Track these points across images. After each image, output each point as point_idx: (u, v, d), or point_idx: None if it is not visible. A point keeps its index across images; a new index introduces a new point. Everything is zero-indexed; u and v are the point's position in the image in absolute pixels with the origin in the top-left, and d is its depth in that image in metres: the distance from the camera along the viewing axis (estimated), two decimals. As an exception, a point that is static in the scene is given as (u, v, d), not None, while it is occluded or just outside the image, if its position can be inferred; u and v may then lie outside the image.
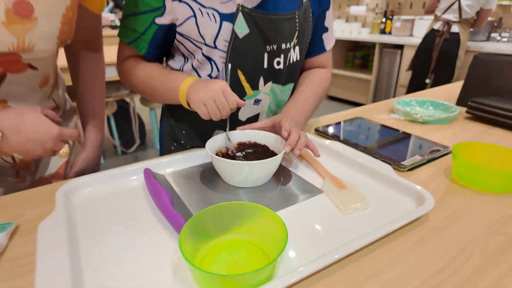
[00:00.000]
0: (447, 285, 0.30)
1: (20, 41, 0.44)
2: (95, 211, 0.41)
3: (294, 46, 0.58)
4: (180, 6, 0.51)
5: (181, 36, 0.54)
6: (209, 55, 0.54)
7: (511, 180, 0.44)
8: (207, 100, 0.46)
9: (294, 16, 0.55)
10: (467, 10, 2.20)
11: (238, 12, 0.51)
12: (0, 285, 0.30)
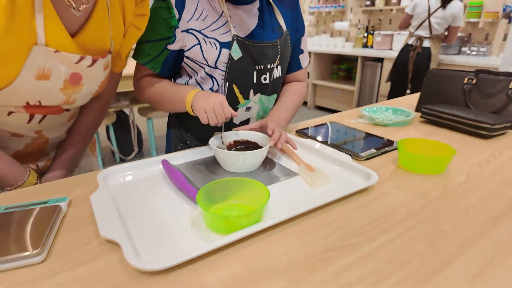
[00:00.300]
0: (379, 229, 0.44)
1: (67, 98, 0.60)
2: (128, 190, 0.54)
3: (277, 66, 0.74)
4: (188, 36, 0.66)
5: (188, 59, 0.69)
6: (211, 73, 0.69)
7: (437, 164, 0.60)
8: (208, 109, 0.61)
9: (277, 44, 0.71)
10: (436, 27, 2.45)
11: (233, 41, 0.66)
12: (71, 234, 0.43)
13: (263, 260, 0.38)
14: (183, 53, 0.68)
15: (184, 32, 0.66)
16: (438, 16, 2.45)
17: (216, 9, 0.67)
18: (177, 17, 0.65)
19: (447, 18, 2.43)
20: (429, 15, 2.48)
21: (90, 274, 0.36)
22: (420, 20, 2.52)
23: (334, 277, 0.35)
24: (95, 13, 0.57)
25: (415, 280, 0.35)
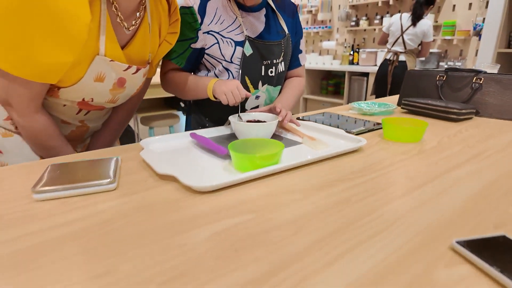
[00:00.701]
0: (367, 171, 0.57)
1: (112, 98, 0.73)
2: (167, 151, 0.66)
3: (281, 62, 0.89)
4: (208, 37, 0.80)
5: (208, 55, 0.83)
6: (227, 67, 0.83)
7: (414, 133, 0.74)
8: (227, 91, 0.74)
9: (281, 43, 0.86)
10: (410, 43, 2.75)
11: (245, 40, 0.81)
12: (130, 176, 0.54)
13: (283, 185, 0.50)
14: (204, 51, 0.82)
15: (205, 34, 0.80)
16: (410, 33, 2.75)
17: (231, 15, 0.82)
18: (200, 21, 0.80)
19: (418, 34, 2.72)
20: (402, 33, 2.78)
21: (152, 195, 0.47)
22: (395, 37, 2.81)
23: (335, 194, 0.48)
24: (139, 32, 0.71)
25: (394, 196, 0.48)
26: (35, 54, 0.56)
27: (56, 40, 0.56)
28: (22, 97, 0.63)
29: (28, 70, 0.58)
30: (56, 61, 0.58)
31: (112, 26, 0.65)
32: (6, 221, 0.40)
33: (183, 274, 0.31)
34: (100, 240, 0.36)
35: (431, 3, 2.68)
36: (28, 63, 0.57)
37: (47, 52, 0.56)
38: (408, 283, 0.29)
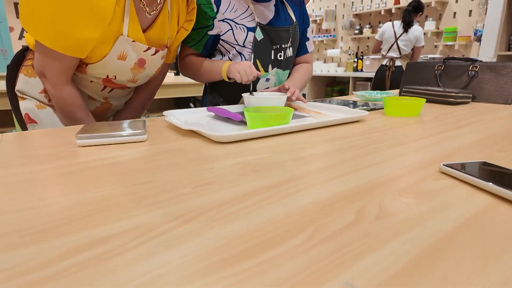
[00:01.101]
0: (370, 135, 0.63)
1: (133, 76, 0.81)
2: (188, 120, 0.73)
3: (289, 47, 0.96)
4: (223, 24, 0.89)
5: (223, 41, 0.91)
6: (240, 51, 0.91)
7: (413, 108, 0.80)
8: (240, 70, 0.82)
9: (289, 29, 0.94)
10: (404, 48, 2.89)
11: (257, 26, 0.89)
12: (156, 134, 0.61)
13: (291, 140, 0.57)
14: (219, 37, 0.90)
15: (221, 21, 0.88)
16: (403, 39, 2.93)
17: (243, 4, 0.90)
18: (215, 10, 0.88)
19: (411, 40, 2.90)
20: (396, 39, 2.95)
21: (178, 144, 0.54)
22: (389, 44, 2.96)
23: (338, 144, 0.54)
24: (160, 17, 0.79)
25: (390, 144, 0.54)
26: (69, 30, 0.64)
27: (86, 17, 0.64)
28: (55, 69, 0.71)
29: (62, 44, 0.66)
30: (85, 36, 0.66)
31: (136, 10, 0.73)
32: (56, 157, 0.47)
33: (213, 182, 0.37)
34: (137, 166, 0.43)
35: (419, 10, 2.86)
36: (63, 37, 0.65)
37: (79, 28, 0.64)
38: (402, 189, 0.35)
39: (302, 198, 0.33)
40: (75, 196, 0.33)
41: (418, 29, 2.90)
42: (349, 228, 0.27)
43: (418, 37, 2.88)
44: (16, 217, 0.29)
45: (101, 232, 0.26)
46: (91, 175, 0.40)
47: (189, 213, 0.30)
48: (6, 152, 0.50)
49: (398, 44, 2.94)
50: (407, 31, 2.89)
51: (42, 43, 0.66)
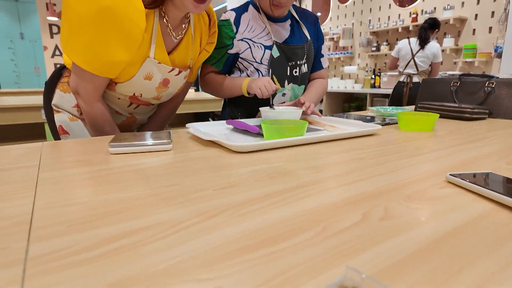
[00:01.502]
0: (384, 146, 0.65)
1: (157, 95, 0.88)
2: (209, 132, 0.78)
3: (304, 63, 1.01)
4: (242, 43, 0.95)
5: (241, 59, 0.97)
6: (258, 68, 0.96)
7: (426, 122, 0.82)
8: (261, 85, 0.87)
9: (304, 47, 0.99)
10: (421, 64, 2.90)
11: (273, 44, 0.95)
12: (180, 144, 0.66)
13: (306, 151, 0.60)
14: (238, 55, 0.96)
15: (240, 41, 0.94)
16: (420, 55, 2.95)
17: (261, 24, 0.96)
18: (235, 31, 0.94)
19: (428, 56, 2.91)
20: (413, 56, 2.97)
21: (201, 153, 0.58)
22: (406, 61, 2.98)
23: (351, 155, 0.57)
24: (183, 41, 0.86)
25: (402, 155, 0.56)
26: (103, 54, 0.71)
27: (119, 43, 0.70)
28: (87, 88, 0.78)
29: (96, 66, 0.73)
30: (117, 59, 0.72)
31: (162, 34, 0.80)
32: (91, 162, 0.52)
33: (231, 186, 0.41)
34: (164, 171, 0.47)
35: (435, 27, 2.87)
36: (97, 61, 0.72)
37: (111, 52, 0.71)
38: (408, 196, 0.38)
39: (313, 202, 0.36)
40: (109, 196, 0.38)
41: (435, 45, 2.93)
42: (355, 226, 0.30)
43: (435, 54, 2.90)
44: (62, 211, 0.34)
45: (133, 225, 0.30)
46: (123, 178, 0.44)
47: (211, 211, 0.33)
48: (47, 158, 0.56)
49: (415, 60, 2.96)
50: (424, 48, 2.92)
51: (78, 65, 0.73)
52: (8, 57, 6.61)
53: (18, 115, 2.13)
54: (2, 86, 6.58)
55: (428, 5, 3.70)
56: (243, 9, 0.99)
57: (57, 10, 5.36)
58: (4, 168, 0.50)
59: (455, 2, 3.44)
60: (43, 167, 0.50)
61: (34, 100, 2.32)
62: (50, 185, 0.41)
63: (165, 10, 0.79)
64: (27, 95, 4.11)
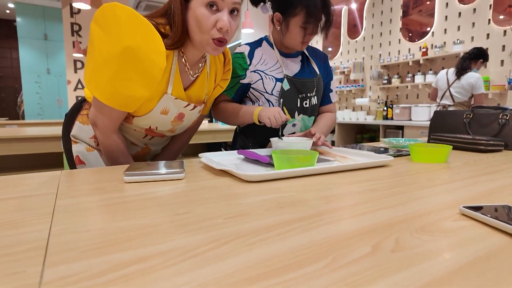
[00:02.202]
0: (395, 178, 0.65)
1: (172, 128, 0.92)
2: (220, 162, 0.79)
3: (314, 96, 1.04)
4: (254, 74, 0.99)
5: (253, 89, 1.01)
6: (269, 98, 1.00)
7: (440, 154, 0.81)
8: (270, 116, 0.89)
9: (313, 80, 1.02)
10: (457, 95, 2.83)
11: (284, 78, 0.98)
12: (192, 173, 0.67)
13: (317, 181, 0.60)
14: (250, 86, 1.00)
15: (252, 72, 0.99)
16: (456, 86, 2.86)
17: (273, 58, 1.01)
18: (249, 63, 0.99)
19: (465, 87, 2.80)
20: (449, 87, 2.91)
21: (212, 183, 0.59)
22: (442, 91, 2.95)
23: (363, 186, 0.56)
24: (199, 78, 0.91)
25: (413, 188, 0.55)
26: (124, 90, 0.75)
27: (140, 80, 0.74)
28: (106, 120, 0.81)
29: (116, 101, 0.77)
30: (137, 95, 0.76)
31: (180, 72, 0.84)
32: (105, 190, 0.54)
33: (241, 215, 0.41)
34: (176, 199, 0.48)
35: (479, 57, 2.75)
36: (117, 96, 0.76)
37: (132, 88, 0.75)
38: (420, 227, 0.37)
39: (323, 232, 0.36)
40: (122, 223, 0.39)
41: (474, 75, 2.77)
42: (365, 257, 0.29)
43: (473, 84, 2.75)
44: (77, 237, 0.35)
45: (145, 252, 0.31)
46: (136, 206, 0.45)
47: (221, 239, 0.33)
48: (64, 186, 0.58)
49: (450, 91, 2.88)
50: (460, 78, 2.80)
51: (99, 99, 0.77)
52: (34, 91, 7.00)
53: (39, 145, 2.22)
54: (26, 117, 6.91)
55: (438, 39, 3.78)
56: (257, 44, 1.04)
57: (82, 47, 5.72)
58: (25, 195, 0.52)
59: (464, 37, 3.50)
60: (60, 194, 0.52)
61: (54, 131, 2.42)
62: (66, 212, 0.43)
63: (184, 51, 0.83)
64: (48, 125, 4.29)
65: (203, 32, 0.75)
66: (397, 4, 4.23)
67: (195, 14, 0.74)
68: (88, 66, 0.75)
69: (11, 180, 0.62)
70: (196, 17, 0.74)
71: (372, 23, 4.59)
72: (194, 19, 0.75)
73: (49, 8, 6.88)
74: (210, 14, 0.73)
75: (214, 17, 0.74)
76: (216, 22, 0.74)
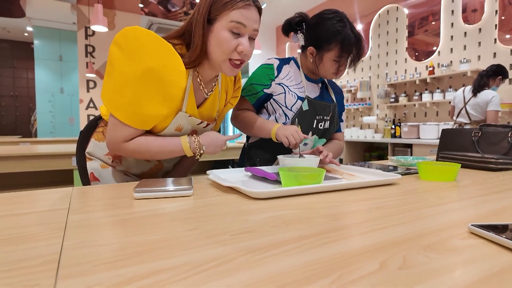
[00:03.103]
0: (404, 198, 0.65)
1: None
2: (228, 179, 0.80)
3: (329, 120, 1.08)
4: (278, 87, 1.03)
5: (274, 101, 1.05)
6: (286, 113, 1.03)
7: (449, 172, 0.80)
8: (288, 135, 0.90)
9: (330, 106, 1.07)
10: (473, 113, 2.76)
11: (305, 98, 1.01)
12: (201, 190, 0.68)
13: (324, 199, 0.60)
14: (272, 96, 1.05)
15: (277, 84, 1.03)
16: (472, 103, 2.78)
17: (298, 78, 1.08)
18: (276, 75, 1.04)
19: (480, 104, 2.71)
20: (465, 104, 2.84)
21: (220, 199, 0.60)
22: (458, 109, 2.90)
23: (370, 204, 0.56)
24: (211, 96, 0.93)
25: (422, 205, 0.55)
26: (143, 109, 0.77)
27: (160, 98, 0.77)
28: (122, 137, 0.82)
29: (134, 120, 0.79)
30: (156, 113, 0.78)
31: (194, 91, 0.87)
32: (116, 207, 0.55)
33: (248, 232, 0.41)
34: (184, 215, 0.49)
35: (498, 74, 2.67)
36: (136, 115, 0.78)
37: (153, 107, 0.77)
38: (428, 245, 0.37)
39: (330, 249, 0.36)
40: (132, 238, 0.40)
41: (491, 93, 2.67)
42: (372, 275, 0.29)
43: (488, 101, 2.66)
44: (88, 251, 0.35)
45: (155, 266, 0.32)
46: (146, 222, 0.46)
47: (228, 255, 0.34)
48: (76, 201, 0.59)
49: (466, 109, 2.81)
50: (476, 95, 2.73)
51: (120, 118, 0.78)
52: (48, 109, 7.20)
53: (50, 162, 2.27)
54: (39, 135, 7.07)
55: (444, 59, 3.80)
56: (286, 61, 1.10)
57: (95, 68, 5.90)
58: (38, 210, 0.53)
59: (471, 56, 3.52)
60: (72, 210, 0.53)
61: (65, 148, 2.47)
62: (78, 227, 0.44)
63: (199, 70, 0.86)
64: (60, 143, 4.38)
65: (224, 53, 0.79)
66: (402, 24, 4.30)
67: (218, 37, 0.78)
68: (106, 86, 0.78)
69: (25, 196, 0.64)
70: (218, 40, 0.78)
71: (378, 43, 4.65)
72: (216, 41, 0.79)
73: (65, 31, 7.19)
74: (232, 38, 0.78)
75: (235, 41, 0.79)
76: (237, 46, 0.79)
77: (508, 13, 3.21)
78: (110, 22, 5.99)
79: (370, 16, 4.76)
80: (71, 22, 6.62)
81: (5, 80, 8.04)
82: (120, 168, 0.96)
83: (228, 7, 0.77)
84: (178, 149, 0.83)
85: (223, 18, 0.77)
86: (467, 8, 3.58)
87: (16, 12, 6.33)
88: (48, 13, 6.31)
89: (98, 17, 3.32)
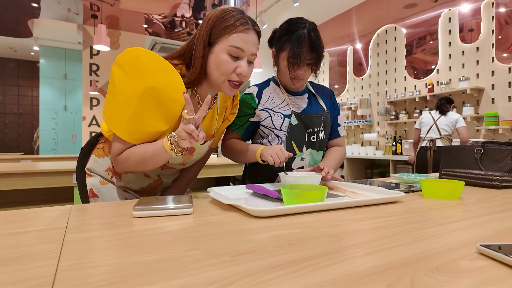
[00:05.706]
0: (407, 215, 0.63)
1: (183, 161, 0.94)
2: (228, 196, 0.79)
3: (321, 130, 1.05)
4: (263, 113, 1.01)
5: (262, 126, 1.03)
6: (278, 134, 1.01)
7: (453, 190, 0.79)
8: (272, 153, 0.90)
9: (320, 116, 1.04)
10: (444, 128, 2.96)
11: (292, 114, 1.00)
12: (200, 208, 0.67)
13: (327, 218, 0.59)
14: (259, 123, 1.02)
15: (261, 110, 1.01)
16: (442, 121, 3.05)
17: (280, 97, 1.04)
18: (257, 102, 1.02)
19: (451, 121, 3.00)
20: (435, 121, 3.08)
21: (220, 218, 0.59)
22: (428, 127, 3.08)
23: (373, 223, 0.55)
24: (210, 113, 0.93)
25: (426, 225, 0.54)
26: (143, 127, 0.77)
27: (160, 116, 0.77)
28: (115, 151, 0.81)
29: (135, 137, 0.79)
30: (156, 130, 0.78)
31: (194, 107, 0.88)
32: (115, 225, 0.54)
33: (250, 252, 0.40)
34: (184, 235, 0.48)
35: (451, 103, 3.09)
36: (137, 133, 0.78)
37: (153, 124, 0.77)
38: (436, 267, 0.36)
39: (335, 271, 0.34)
40: (131, 258, 0.38)
41: (456, 114, 3.04)
42: (379, 299, 0.28)
43: (457, 119, 2.98)
44: (84, 273, 0.34)
45: (152, 289, 0.30)
46: (145, 241, 0.45)
47: (229, 278, 0.33)
48: (74, 220, 0.58)
49: (437, 125, 3.04)
50: (446, 115, 3.04)
51: (120, 136, 0.78)
52: (51, 127, 7.25)
53: (51, 179, 2.25)
54: (41, 152, 7.09)
55: (443, 77, 3.84)
56: (265, 84, 1.08)
57: (99, 86, 5.98)
58: (34, 229, 0.52)
59: (470, 74, 3.56)
60: (70, 229, 0.52)
61: (66, 165, 2.47)
62: (74, 247, 0.43)
63: (197, 89, 0.87)
64: (61, 160, 4.38)
65: (223, 75, 0.81)
66: (400, 44, 4.37)
67: (218, 59, 0.80)
68: (108, 105, 0.79)
69: (22, 215, 0.63)
70: (218, 61, 0.80)
71: (377, 62, 4.72)
72: (215, 63, 0.81)
73: (71, 50, 7.35)
74: (232, 61, 0.80)
75: (234, 63, 0.81)
76: (236, 68, 0.81)
77: (504, 33, 3.27)
78: (115, 42, 6.14)
79: (369, 35, 4.86)
80: (77, 42, 6.78)
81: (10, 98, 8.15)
82: (120, 184, 0.95)
83: (228, 31, 0.79)
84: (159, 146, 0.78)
85: (223, 41, 0.79)
86: (464, 28, 3.65)
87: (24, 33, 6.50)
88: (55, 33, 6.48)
89: (101, 37, 3.41)
